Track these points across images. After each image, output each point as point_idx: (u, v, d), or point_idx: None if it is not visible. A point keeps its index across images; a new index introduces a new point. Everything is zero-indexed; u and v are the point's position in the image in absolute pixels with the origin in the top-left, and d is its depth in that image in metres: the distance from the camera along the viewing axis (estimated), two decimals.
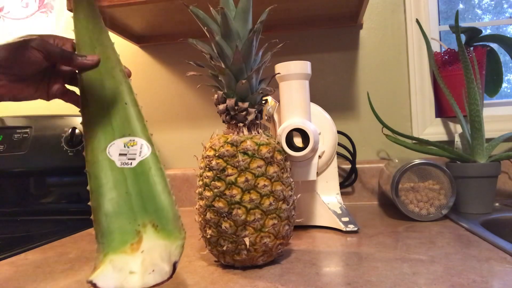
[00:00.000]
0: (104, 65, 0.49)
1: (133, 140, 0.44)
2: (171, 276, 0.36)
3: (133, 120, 0.46)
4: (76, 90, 0.50)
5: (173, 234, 0.40)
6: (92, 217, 0.40)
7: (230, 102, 0.52)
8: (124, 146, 0.44)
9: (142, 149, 0.44)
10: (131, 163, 0.43)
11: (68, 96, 0.51)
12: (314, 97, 1.00)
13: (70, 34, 0.51)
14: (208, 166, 0.51)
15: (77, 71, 0.49)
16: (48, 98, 0.51)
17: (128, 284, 0.36)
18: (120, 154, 0.43)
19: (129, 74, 0.51)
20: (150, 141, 0.45)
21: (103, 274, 0.36)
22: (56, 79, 0.51)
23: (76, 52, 0.49)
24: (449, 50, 0.94)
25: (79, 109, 0.46)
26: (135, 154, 0.44)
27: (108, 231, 0.39)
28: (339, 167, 0.96)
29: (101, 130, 0.45)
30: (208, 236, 0.51)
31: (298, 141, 0.61)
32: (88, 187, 0.41)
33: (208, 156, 0.52)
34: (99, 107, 0.46)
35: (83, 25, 0.50)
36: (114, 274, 0.36)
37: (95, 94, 0.47)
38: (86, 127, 0.45)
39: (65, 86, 0.51)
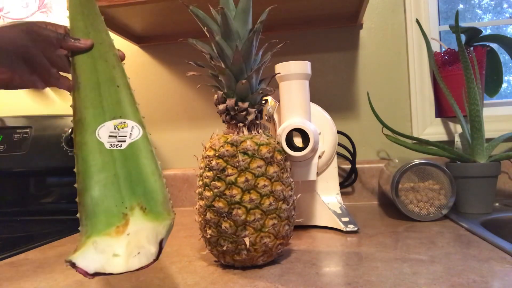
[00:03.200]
0: (97, 49, 0.48)
1: (124, 122, 0.44)
2: (157, 258, 0.35)
3: (125, 102, 0.45)
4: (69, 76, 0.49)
5: (161, 216, 0.39)
6: (77, 199, 0.39)
7: (230, 102, 0.52)
8: (114, 128, 0.43)
9: (133, 131, 0.43)
10: (121, 145, 0.42)
11: (61, 82, 0.50)
12: (314, 97, 1.00)
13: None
14: (208, 166, 0.51)
15: (69, 56, 0.48)
16: (42, 86, 0.50)
17: (111, 267, 0.34)
18: (110, 136, 0.43)
19: (122, 58, 0.51)
20: (141, 123, 0.44)
21: (84, 255, 0.35)
22: (51, 66, 0.50)
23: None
24: (449, 50, 0.94)
25: (69, 93, 0.46)
26: (125, 136, 0.43)
27: (93, 213, 0.38)
28: (339, 167, 0.96)
29: (91, 112, 0.44)
30: (208, 236, 0.51)
31: (298, 141, 0.61)
32: (75, 169, 0.40)
33: (208, 156, 0.52)
34: (90, 89, 0.45)
35: (77, 11, 0.50)
36: (95, 255, 0.35)
37: (87, 77, 0.46)
38: (76, 110, 0.44)
39: (58, 73, 0.51)
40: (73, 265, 0.34)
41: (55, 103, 1.17)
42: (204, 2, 0.61)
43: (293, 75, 0.61)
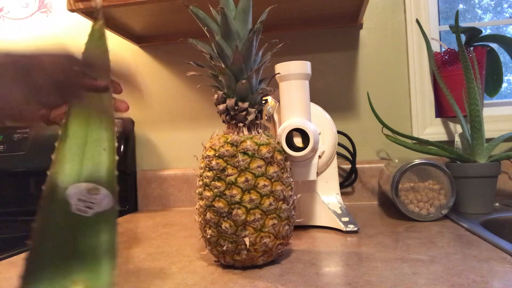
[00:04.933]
0: (95, 105, 0.47)
1: (97, 189, 0.42)
2: None
3: (105, 168, 0.44)
4: None
5: None
6: (25, 255, 0.37)
7: (230, 102, 0.52)
8: (86, 192, 0.42)
9: (104, 201, 0.42)
10: (87, 211, 0.41)
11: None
12: (314, 97, 1.00)
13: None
14: (208, 166, 0.51)
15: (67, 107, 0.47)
16: (47, 123, 0.50)
17: None
18: (79, 199, 0.41)
19: (126, 109, 0.50)
20: (115, 195, 0.42)
21: None
22: (59, 108, 0.50)
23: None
24: (449, 50, 0.94)
25: (55, 143, 0.45)
26: (95, 204, 0.41)
27: (36, 277, 0.37)
28: (339, 167, 0.96)
29: (69, 168, 0.42)
30: (208, 236, 0.51)
31: (298, 141, 0.61)
32: (33, 224, 0.39)
33: (208, 156, 0.52)
34: (76, 144, 0.44)
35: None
36: None
37: (76, 131, 0.45)
38: (55, 163, 0.43)
39: (63, 114, 0.50)
40: None
41: None
42: (204, 2, 0.61)
43: (293, 75, 0.61)
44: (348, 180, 0.96)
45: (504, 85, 1.03)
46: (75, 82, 0.46)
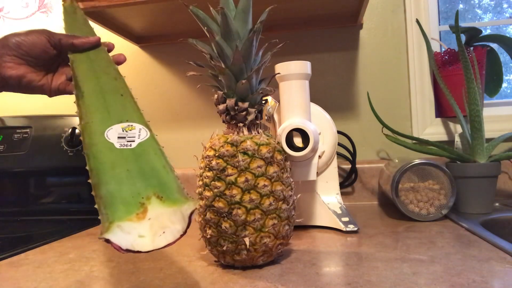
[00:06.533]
0: (97, 64, 0.51)
1: (131, 125, 0.46)
2: (184, 232, 0.37)
3: (129, 109, 0.47)
4: None
5: (179, 201, 0.40)
6: (93, 193, 0.40)
7: (230, 102, 0.52)
8: (123, 131, 0.45)
9: (141, 133, 0.45)
10: (131, 144, 0.44)
11: (70, 87, 0.54)
12: (314, 97, 1.00)
13: None
14: (208, 166, 0.51)
15: (71, 70, 0.51)
16: (50, 91, 0.55)
17: (139, 245, 0.36)
18: (118, 137, 0.44)
19: (123, 60, 0.55)
20: (148, 126, 0.46)
21: (114, 233, 0.36)
22: (60, 75, 0.55)
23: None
24: (449, 50, 0.94)
25: (74, 101, 0.47)
26: (134, 137, 0.45)
27: (112, 203, 0.39)
28: (339, 167, 0.96)
29: (97, 117, 0.45)
30: (208, 236, 0.51)
31: (298, 141, 0.61)
32: (87, 167, 0.41)
33: (208, 156, 0.52)
34: (95, 97, 0.47)
35: (75, 31, 0.54)
36: (123, 235, 0.36)
37: (90, 86, 0.48)
38: (82, 115, 0.46)
39: (66, 81, 0.55)
40: (107, 241, 0.35)
41: (55, 103, 1.17)
42: (204, 2, 0.61)
43: (293, 75, 0.61)
44: (348, 180, 0.96)
45: (504, 85, 1.03)
46: (64, 41, 0.51)
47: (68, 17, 0.55)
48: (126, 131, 0.45)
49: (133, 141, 0.44)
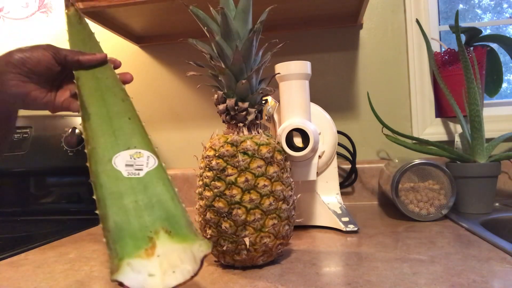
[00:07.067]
0: (104, 83, 0.50)
1: (139, 152, 0.44)
2: (195, 274, 0.36)
3: (137, 134, 0.46)
4: None
5: (188, 237, 0.39)
6: (100, 225, 0.39)
7: (230, 102, 0.52)
8: (130, 158, 0.44)
9: (149, 161, 0.44)
10: (139, 173, 0.43)
11: (75, 105, 0.53)
12: (314, 97, 1.00)
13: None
14: (208, 166, 0.51)
15: (76, 88, 0.49)
16: (54, 108, 0.53)
17: (149, 285, 0.35)
18: (126, 165, 0.43)
19: (118, 65, 0.54)
20: (156, 153, 0.45)
21: (125, 274, 0.35)
22: (64, 92, 0.54)
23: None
24: (449, 50, 0.94)
25: (80, 123, 0.46)
26: (142, 165, 0.43)
27: (120, 237, 0.38)
28: (339, 167, 0.96)
29: (104, 143, 0.44)
30: (208, 236, 0.51)
31: (298, 141, 0.61)
32: (94, 196, 0.40)
33: (208, 156, 0.52)
34: (101, 120, 0.46)
35: (80, 48, 0.52)
36: (134, 275, 0.35)
37: (96, 108, 0.47)
38: (88, 139, 0.45)
39: (70, 98, 0.54)
40: (121, 284, 0.34)
41: None
42: (204, 2, 0.61)
43: (293, 75, 0.61)
44: (348, 180, 0.96)
45: (504, 85, 1.03)
46: (70, 58, 0.50)
47: (72, 28, 0.53)
48: (134, 159, 0.44)
49: (141, 169, 0.43)
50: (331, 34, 1.02)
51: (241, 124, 0.53)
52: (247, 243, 0.49)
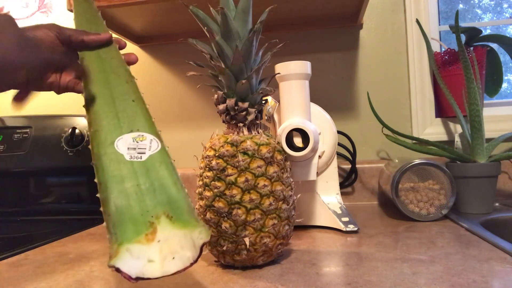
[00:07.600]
0: (108, 64, 0.49)
1: (142, 135, 0.44)
2: (195, 261, 0.36)
3: (141, 116, 0.45)
4: None
5: (190, 223, 0.39)
6: (101, 208, 0.39)
7: (230, 102, 0.52)
8: (133, 141, 0.43)
9: (152, 144, 0.43)
10: (141, 157, 0.42)
11: (80, 87, 0.51)
12: (314, 97, 1.00)
13: None
14: (208, 166, 0.51)
15: (81, 69, 0.48)
16: (59, 89, 0.51)
17: (148, 272, 0.35)
18: (129, 148, 0.42)
19: (135, 61, 0.52)
20: (159, 137, 0.44)
21: (123, 260, 0.35)
22: (69, 72, 0.51)
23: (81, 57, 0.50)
24: (449, 50, 0.94)
25: (83, 105, 0.46)
26: (145, 148, 0.43)
27: (120, 222, 0.38)
28: (339, 167, 0.96)
29: (107, 126, 0.44)
30: None
31: (298, 141, 0.61)
32: (95, 179, 0.40)
33: (208, 156, 0.52)
34: (105, 102, 0.45)
35: (84, 27, 0.51)
36: (133, 261, 0.35)
37: (100, 90, 0.46)
38: (91, 121, 0.44)
39: (76, 79, 0.52)
40: (117, 270, 0.34)
41: (55, 103, 1.17)
42: (204, 2, 0.61)
43: (293, 75, 0.61)
44: (348, 180, 0.96)
45: (504, 85, 1.03)
46: (74, 38, 0.48)
47: (78, 6, 0.51)
48: (137, 142, 0.43)
49: (144, 153, 0.43)
50: (331, 34, 1.02)
51: (241, 124, 0.53)
52: (247, 243, 0.49)
